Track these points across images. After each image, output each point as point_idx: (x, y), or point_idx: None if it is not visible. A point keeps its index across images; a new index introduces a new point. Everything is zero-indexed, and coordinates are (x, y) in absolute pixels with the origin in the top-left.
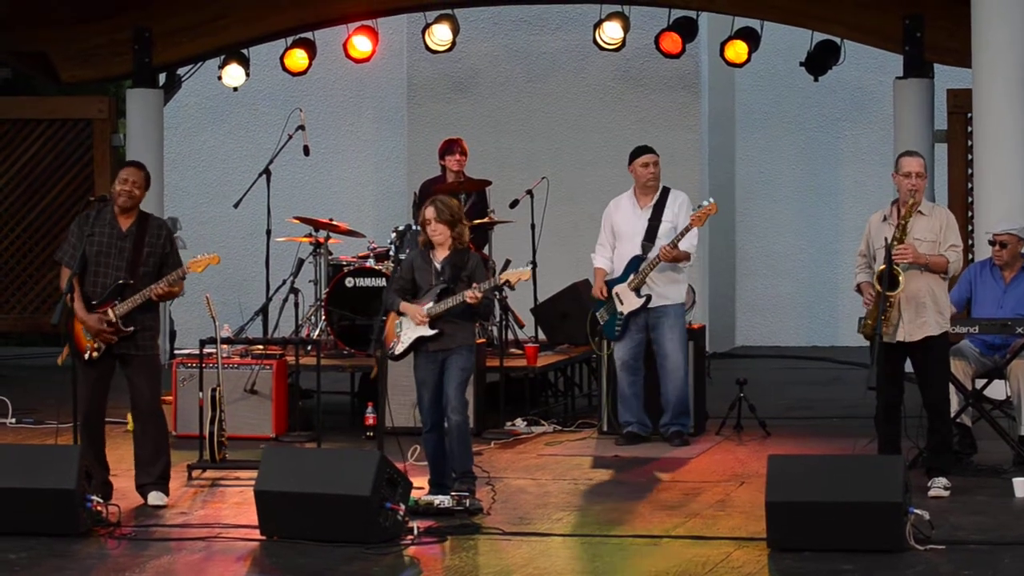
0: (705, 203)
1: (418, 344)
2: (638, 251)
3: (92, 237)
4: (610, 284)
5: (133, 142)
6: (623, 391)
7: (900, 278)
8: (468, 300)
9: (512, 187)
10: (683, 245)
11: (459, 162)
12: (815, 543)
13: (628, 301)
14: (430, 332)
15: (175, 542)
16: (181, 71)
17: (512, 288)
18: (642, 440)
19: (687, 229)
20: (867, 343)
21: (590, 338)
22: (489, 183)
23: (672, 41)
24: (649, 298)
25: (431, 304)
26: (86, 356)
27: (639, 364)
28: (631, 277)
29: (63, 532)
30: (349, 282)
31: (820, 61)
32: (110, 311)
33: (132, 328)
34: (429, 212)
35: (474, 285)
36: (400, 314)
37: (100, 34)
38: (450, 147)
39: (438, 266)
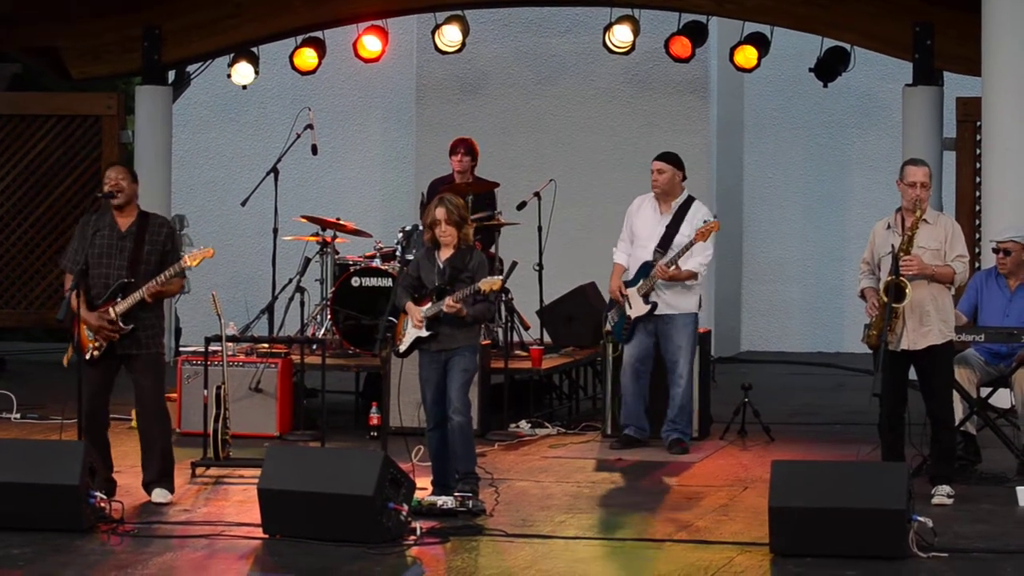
0: (708, 220)
1: (418, 344)
2: (650, 257)
3: (94, 239)
4: (624, 284)
5: (142, 139)
6: (625, 393)
7: (907, 290)
8: (444, 310)
9: (520, 189)
10: (691, 264)
11: (461, 162)
12: (818, 549)
13: (636, 306)
14: (425, 334)
15: (178, 539)
16: (190, 68)
17: (485, 296)
18: (638, 444)
19: (689, 245)
20: (871, 350)
21: (604, 337)
22: (497, 185)
23: (682, 45)
24: (655, 306)
25: (428, 305)
26: (87, 355)
27: (645, 367)
28: (640, 282)
29: (66, 528)
30: (355, 282)
31: (829, 67)
32: (111, 309)
33: (132, 326)
34: (440, 213)
35: (453, 295)
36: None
37: (111, 31)
38: (455, 147)
39: (441, 265)
